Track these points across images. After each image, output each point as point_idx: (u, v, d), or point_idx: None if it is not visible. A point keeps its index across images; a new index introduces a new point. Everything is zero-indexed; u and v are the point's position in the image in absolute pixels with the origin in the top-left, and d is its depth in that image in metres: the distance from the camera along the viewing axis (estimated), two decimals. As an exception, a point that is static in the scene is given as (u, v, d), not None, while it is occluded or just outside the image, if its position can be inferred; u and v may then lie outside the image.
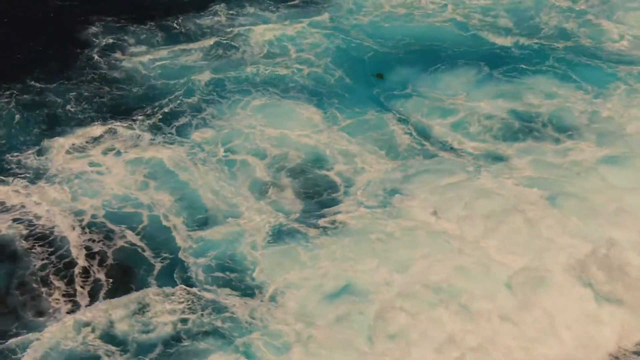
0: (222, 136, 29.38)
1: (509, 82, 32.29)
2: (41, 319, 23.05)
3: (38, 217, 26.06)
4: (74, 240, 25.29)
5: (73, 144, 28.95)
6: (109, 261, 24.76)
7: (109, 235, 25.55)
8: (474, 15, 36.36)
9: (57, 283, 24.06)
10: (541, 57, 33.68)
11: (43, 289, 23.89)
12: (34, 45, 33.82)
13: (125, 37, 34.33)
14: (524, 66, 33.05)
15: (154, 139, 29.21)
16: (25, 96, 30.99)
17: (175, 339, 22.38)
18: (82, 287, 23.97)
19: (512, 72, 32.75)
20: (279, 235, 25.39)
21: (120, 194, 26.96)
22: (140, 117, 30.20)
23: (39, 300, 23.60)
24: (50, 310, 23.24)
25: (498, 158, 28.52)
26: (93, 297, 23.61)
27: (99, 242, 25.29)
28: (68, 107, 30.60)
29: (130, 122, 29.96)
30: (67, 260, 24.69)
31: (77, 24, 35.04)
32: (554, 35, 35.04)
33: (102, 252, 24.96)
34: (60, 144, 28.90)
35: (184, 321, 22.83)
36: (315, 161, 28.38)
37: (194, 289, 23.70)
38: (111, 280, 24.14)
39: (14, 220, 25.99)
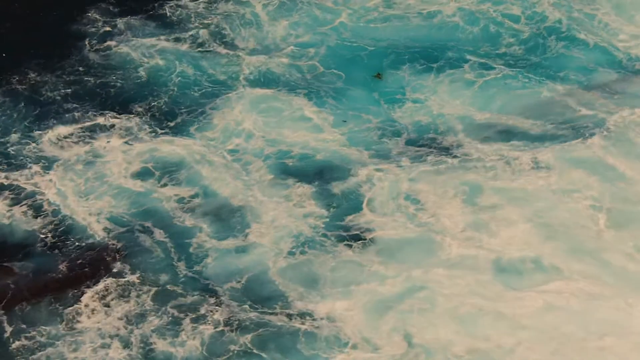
0: (223, 132, 29.38)
1: (518, 81, 32.06)
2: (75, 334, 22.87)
3: (47, 213, 26.15)
4: (94, 240, 25.38)
5: (73, 137, 28.97)
6: (133, 267, 24.65)
7: (130, 237, 25.57)
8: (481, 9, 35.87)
9: (84, 289, 23.92)
10: (552, 58, 33.37)
11: (66, 297, 23.77)
12: (28, 37, 33.59)
13: (119, 28, 34.06)
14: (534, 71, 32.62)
15: (154, 132, 29.31)
16: (21, 87, 30.94)
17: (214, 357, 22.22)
18: (108, 294, 23.78)
19: (527, 73, 32.35)
20: (305, 246, 25.21)
21: (130, 189, 27.04)
22: (138, 110, 30.30)
23: (62, 307, 23.48)
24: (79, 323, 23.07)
25: (524, 163, 28.13)
26: (120, 304, 23.50)
27: (120, 245, 25.25)
28: (65, 99, 30.58)
29: (129, 115, 30.01)
30: (90, 263, 24.65)
31: (69, 15, 34.75)
32: (565, 32, 34.58)
33: (124, 258, 24.92)
34: (60, 136, 28.96)
35: (220, 335, 22.64)
36: (322, 165, 28.22)
37: (227, 303, 23.53)
38: (139, 287, 23.98)
39: (34, 216, 26.11)
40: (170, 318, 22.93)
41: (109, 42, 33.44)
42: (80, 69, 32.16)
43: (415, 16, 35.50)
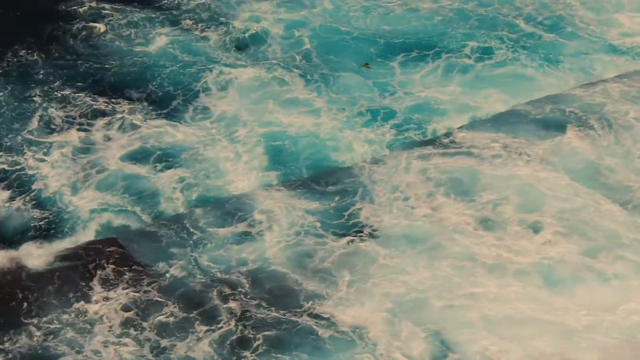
0: (219, 117, 29.22)
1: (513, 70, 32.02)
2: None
3: (43, 201, 25.70)
4: (92, 229, 24.86)
5: (68, 122, 28.67)
6: (136, 256, 23.99)
7: (129, 224, 25.07)
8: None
9: (86, 279, 23.14)
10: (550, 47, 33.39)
11: (69, 286, 23.01)
12: (20, 21, 33.63)
13: (112, 12, 34.13)
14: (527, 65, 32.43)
15: (149, 118, 29.14)
16: (13, 71, 30.94)
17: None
18: (111, 284, 23.01)
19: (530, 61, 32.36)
20: (308, 238, 24.54)
21: (128, 175, 26.63)
22: (133, 95, 30.18)
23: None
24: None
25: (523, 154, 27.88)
26: (125, 293, 22.75)
27: (120, 233, 24.68)
28: (60, 84, 30.46)
29: (123, 100, 29.84)
30: (88, 252, 23.92)
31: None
32: (564, 24, 34.65)
33: (125, 246, 24.25)
34: (55, 122, 28.69)
35: (229, 335, 21.80)
36: (318, 153, 27.87)
37: (236, 297, 22.78)
38: (143, 277, 23.29)
39: (31, 204, 25.65)
40: (178, 311, 22.26)
41: (103, 26, 33.50)
42: (75, 53, 32.16)
43: (399, 5, 35.42)
